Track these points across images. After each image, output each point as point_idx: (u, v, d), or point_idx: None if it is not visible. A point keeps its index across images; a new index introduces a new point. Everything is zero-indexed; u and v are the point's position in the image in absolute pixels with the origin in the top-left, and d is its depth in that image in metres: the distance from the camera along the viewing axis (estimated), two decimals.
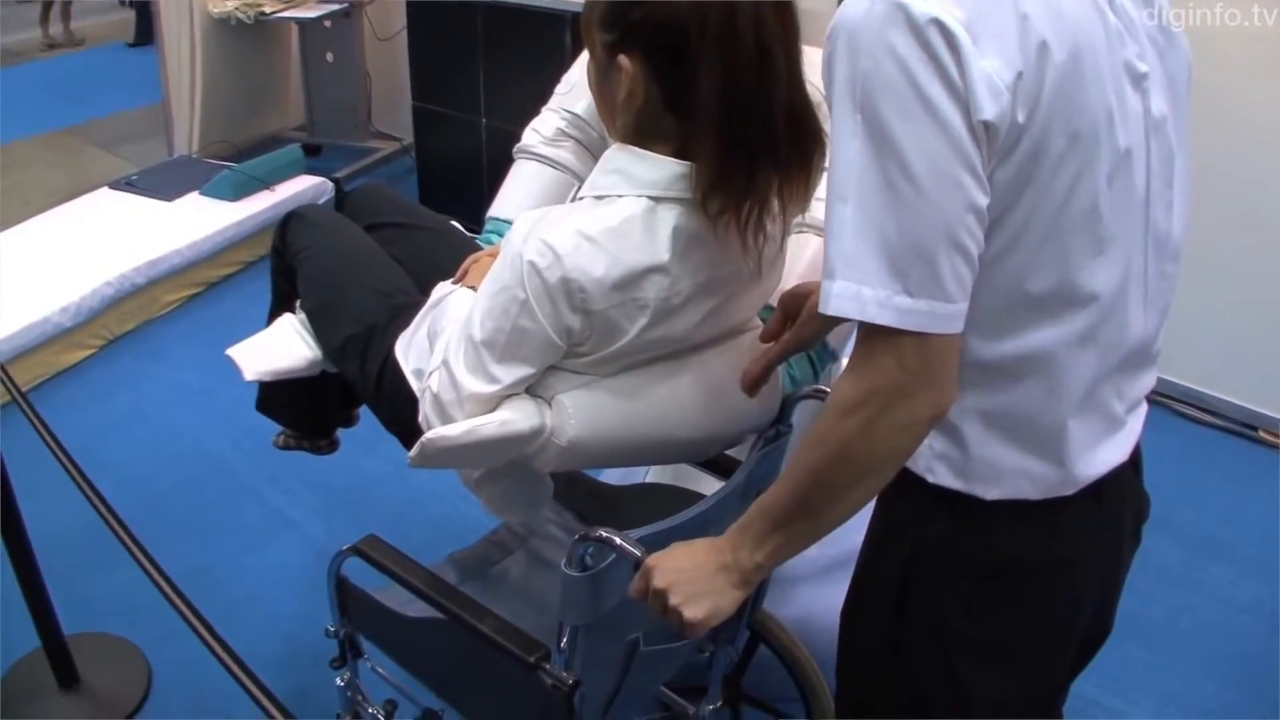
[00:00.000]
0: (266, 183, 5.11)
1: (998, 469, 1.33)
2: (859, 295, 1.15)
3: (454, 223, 2.35)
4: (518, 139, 2.25)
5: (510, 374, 1.57)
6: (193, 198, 5.05)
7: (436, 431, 1.58)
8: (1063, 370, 1.28)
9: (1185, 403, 3.99)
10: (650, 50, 1.49)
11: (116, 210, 4.95)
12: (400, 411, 1.78)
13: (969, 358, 1.27)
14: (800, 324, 1.68)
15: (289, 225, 2.18)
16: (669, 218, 1.52)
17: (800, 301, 1.69)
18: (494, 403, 1.59)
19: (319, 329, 2.07)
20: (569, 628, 1.58)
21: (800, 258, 2.01)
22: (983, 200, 1.15)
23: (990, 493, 1.34)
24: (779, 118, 1.48)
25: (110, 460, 3.52)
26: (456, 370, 1.59)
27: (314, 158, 5.94)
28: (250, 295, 4.70)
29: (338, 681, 2.11)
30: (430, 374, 1.65)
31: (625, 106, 1.54)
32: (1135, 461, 1.46)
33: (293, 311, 2.15)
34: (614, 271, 1.49)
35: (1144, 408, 1.46)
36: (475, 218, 5.34)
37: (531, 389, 1.62)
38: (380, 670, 2.09)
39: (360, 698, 2.14)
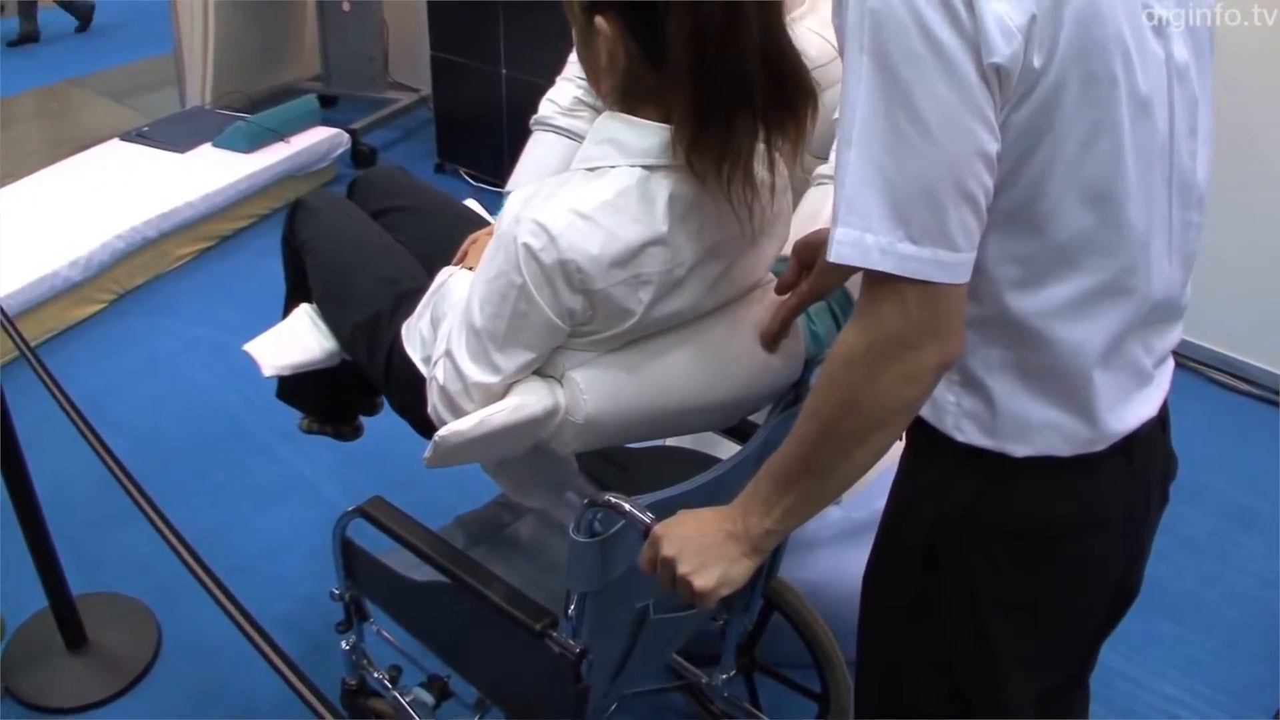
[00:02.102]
0: (281, 134, 5.12)
1: (1027, 425, 1.33)
2: (861, 241, 1.15)
3: (471, 201, 2.35)
4: (538, 90, 2.24)
5: (514, 361, 1.57)
6: (205, 149, 5.06)
7: (448, 428, 1.58)
8: (1090, 321, 1.28)
9: (1217, 369, 3.97)
10: (623, 8, 1.50)
11: (127, 162, 4.96)
12: (410, 397, 1.78)
13: (995, 311, 1.28)
14: (817, 273, 1.68)
15: (295, 215, 2.20)
16: (664, 186, 1.52)
17: (815, 250, 1.68)
18: (502, 390, 1.60)
19: (329, 319, 2.10)
20: (577, 595, 1.59)
21: (821, 212, 2.00)
22: (993, 147, 1.14)
23: (1020, 450, 1.33)
24: (753, 65, 1.47)
25: (121, 416, 3.55)
26: (460, 360, 1.60)
27: (330, 109, 5.94)
28: (264, 249, 4.72)
29: (343, 645, 2.13)
30: (435, 363, 1.66)
31: (609, 70, 1.55)
32: (1163, 419, 1.46)
33: (309, 301, 2.17)
34: (611, 248, 1.48)
35: (1170, 363, 1.46)
36: (494, 171, 5.36)
37: (540, 369, 1.62)
38: (386, 635, 2.12)
39: (365, 662, 2.17)
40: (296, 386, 2.33)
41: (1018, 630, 1.42)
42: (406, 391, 1.82)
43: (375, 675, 2.16)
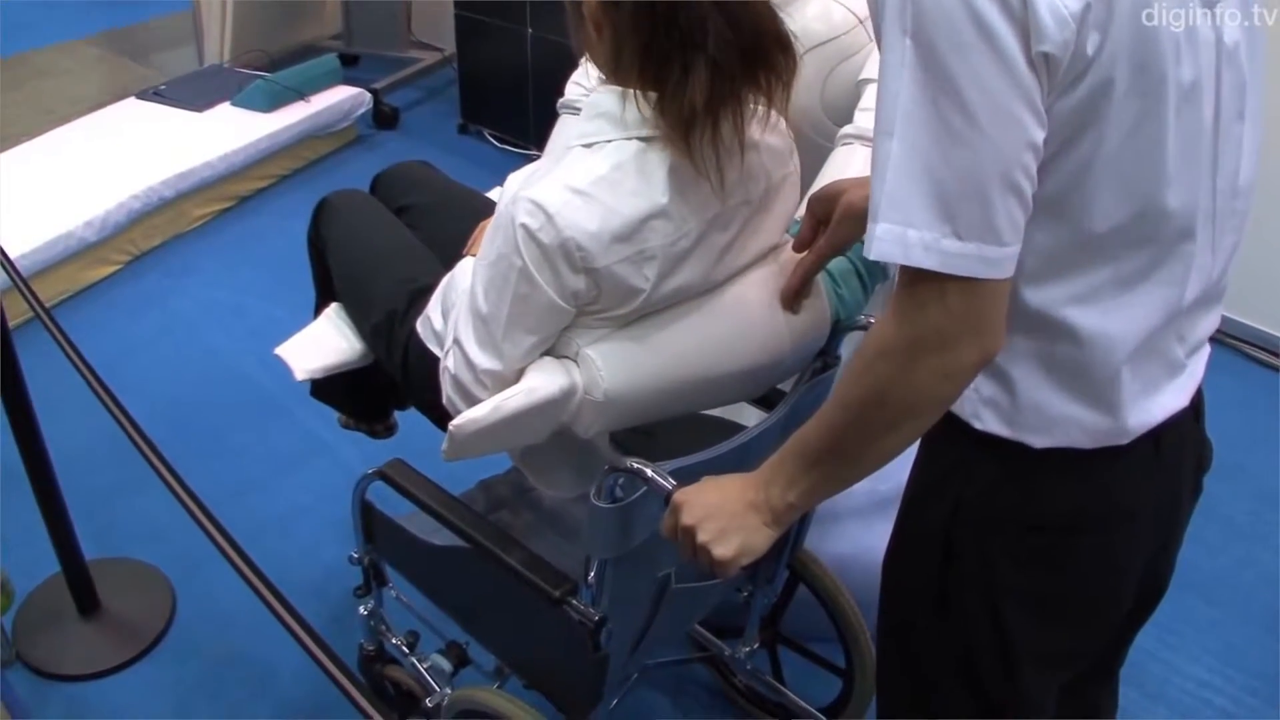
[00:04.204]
0: (301, 93, 5.12)
1: (1047, 416, 1.32)
2: (903, 238, 1.12)
3: (497, 192, 2.36)
4: (565, 50, 2.25)
5: (520, 345, 1.58)
6: (224, 108, 5.07)
7: (463, 416, 1.60)
8: (1119, 314, 1.26)
9: (1255, 345, 3.94)
10: None
11: (144, 121, 4.98)
12: (429, 394, 1.80)
13: (1024, 302, 1.26)
14: (833, 227, 1.68)
15: (320, 214, 2.23)
16: (663, 157, 1.53)
17: (830, 203, 1.68)
18: (513, 375, 1.61)
19: (353, 318, 2.13)
20: (596, 562, 1.60)
21: (846, 172, 2.01)
22: (1040, 136, 1.12)
23: (1039, 441, 1.32)
24: (711, 21, 1.48)
25: (137, 379, 3.57)
26: (468, 348, 1.62)
27: (351, 68, 5.95)
28: (283, 210, 4.75)
29: (361, 610, 2.16)
30: (447, 353, 1.68)
31: (600, 43, 1.56)
32: (1196, 407, 1.44)
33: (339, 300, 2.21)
34: (611, 223, 1.50)
35: (1206, 350, 1.44)
36: (518, 132, 5.34)
37: (553, 349, 1.63)
38: (404, 599, 2.15)
39: (384, 627, 2.20)
40: (329, 384, 2.35)
41: (1037, 623, 1.42)
42: (425, 388, 1.83)
43: (394, 641, 2.19)
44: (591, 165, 1.53)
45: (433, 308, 1.88)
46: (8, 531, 2.79)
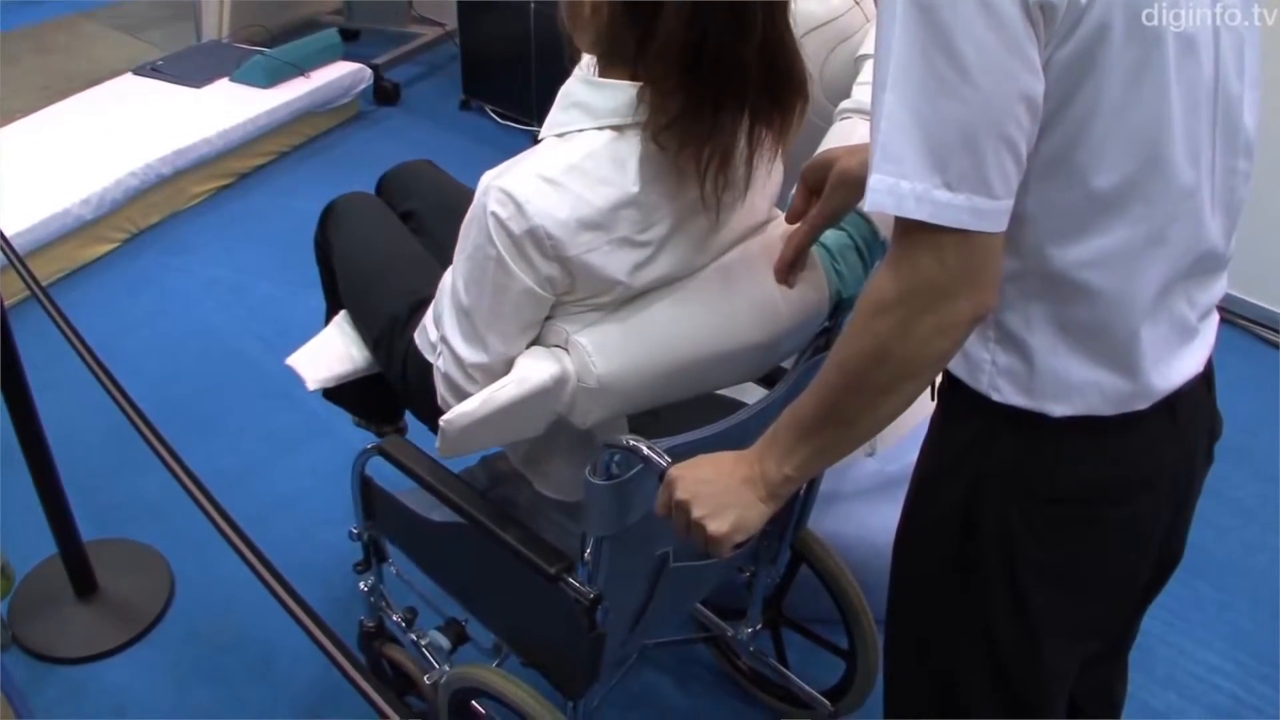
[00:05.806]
0: (301, 69, 5.13)
1: (1066, 382, 1.33)
2: (896, 189, 1.15)
3: None
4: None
5: (505, 334, 1.60)
6: (223, 84, 5.07)
7: (453, 411, 1.61)
8: (1134, 273, 1.28)
9: (1264, 325, 3.94)
10: None
11: (141, 97, 4.97)
12: (427, 404, 1.80)
13: (1036, 264, 1.28)
14: (826, 195, 1.68)
15: (326, 219, 2.25)
16: (635, 145, 1.54)
17: (822, 172, 1.69)
18: (503, 368, 1.62)
19: (357, 329, 2.16)
20: (593, 539, 1.62)
21: (846, 144, 2.02)
22: (1036, 88, 1.14)
23: (1058, 409, 1.34)
24: (753, 69, 1.49)
25: (135, 359, 3.60)
26: (455, 343, 1.63)
27: (352, 43, 5.95)
28: (283, 187, 4.75)
29: (361, 586, 2.19)
30: (437, 355, 1.69)
31: (591, 22, 1.55)
32: (1207, 376, 1.46)
33: None
34: (580, 211, 1.51)
35: (1215, 316, 1.46)
36: (521, 108, 5.32)
37: (542, 338, 1.64)
38: (404, 576, 2.17)
39: (384, 603, 2.22)
40: (341, 387, 2.36)
41: (1059, 596, 1.43)
42: (424, 397, 1.83)
43: (394, 618, 2.21)
44: (563, 154, 1.53)
45: (428, 318, 1.89)
46: (4, 513, 2.81)
